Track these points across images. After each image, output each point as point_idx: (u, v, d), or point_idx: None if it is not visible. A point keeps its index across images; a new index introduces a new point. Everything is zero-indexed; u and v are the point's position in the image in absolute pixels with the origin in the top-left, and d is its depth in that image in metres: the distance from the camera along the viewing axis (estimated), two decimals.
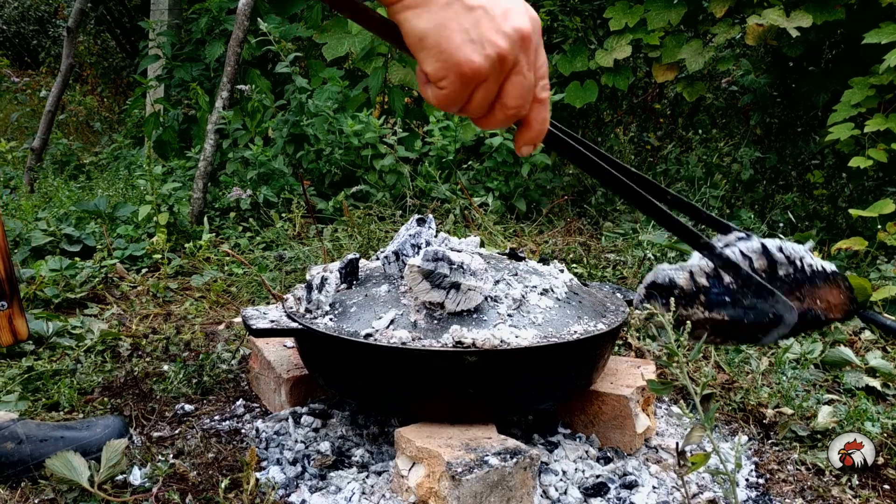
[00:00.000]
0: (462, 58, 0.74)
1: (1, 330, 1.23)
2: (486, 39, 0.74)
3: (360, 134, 3.26)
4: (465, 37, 0.74)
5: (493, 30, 0.74)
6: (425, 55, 0.75)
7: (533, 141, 0.84)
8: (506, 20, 0.75)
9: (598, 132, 4.34)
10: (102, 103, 7.30)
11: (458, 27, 0.74)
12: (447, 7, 0.74)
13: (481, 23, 0.74)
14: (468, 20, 0.74)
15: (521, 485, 1.17)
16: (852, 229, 3.05)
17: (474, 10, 0.74)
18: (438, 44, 0.74)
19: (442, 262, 1.27)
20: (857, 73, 2.92)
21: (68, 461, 1.22)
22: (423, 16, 0.74)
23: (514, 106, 0.79)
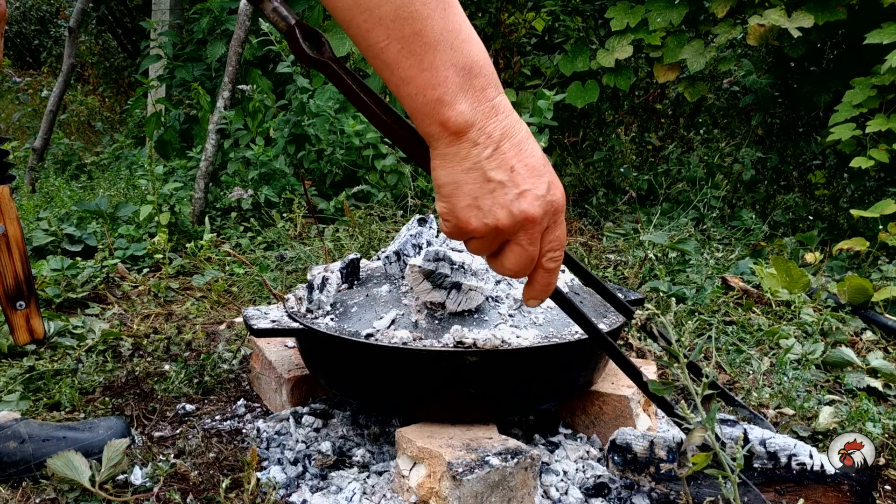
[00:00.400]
0: (462, 216, 0.82)
1: (19, 329, 1.25)
2: (489, 211, 0.81)
3: (362, 134, 3.26)
4: (471, 202, 0.81)
5: (500, 206, 0.81)
6: (438, 198, 0.83)
7: (535, 297, 0.92)
8: (517, 201, 0.81)
9: (599, 132, 4.33)
10: (104, 103, 7.30)
11: (468, 192, 0.81)
12: (468, 171, 0.80)
13: (492, 196, 0.81)
14: (481, 190, 0.80)
15: (522, 485, 1.17)
16: (854, 230, 3.05)
17: (491, 182, 0.80)
18: (449, 197, 0.82)
19: (443, 262, 1.27)
20: (858, 74, 2.92)
21: (69, 461, 1.23)
22: (445, 169, 0.81)
23: (511, 269, 0.86)
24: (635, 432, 1.27)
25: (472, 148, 0.79)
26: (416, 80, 0.76)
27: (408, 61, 0.75)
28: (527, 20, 4.54)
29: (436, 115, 0.78)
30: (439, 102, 0.77)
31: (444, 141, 0.80)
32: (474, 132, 0.79)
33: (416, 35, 0.75)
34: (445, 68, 0.76)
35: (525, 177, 0.81)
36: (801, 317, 2.11)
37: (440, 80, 0.77)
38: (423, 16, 0.75)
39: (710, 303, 2.22)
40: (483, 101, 0.79)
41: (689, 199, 3.35)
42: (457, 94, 0.77)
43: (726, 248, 2.83)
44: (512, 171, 0.81)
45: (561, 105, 3.74)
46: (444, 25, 0.76)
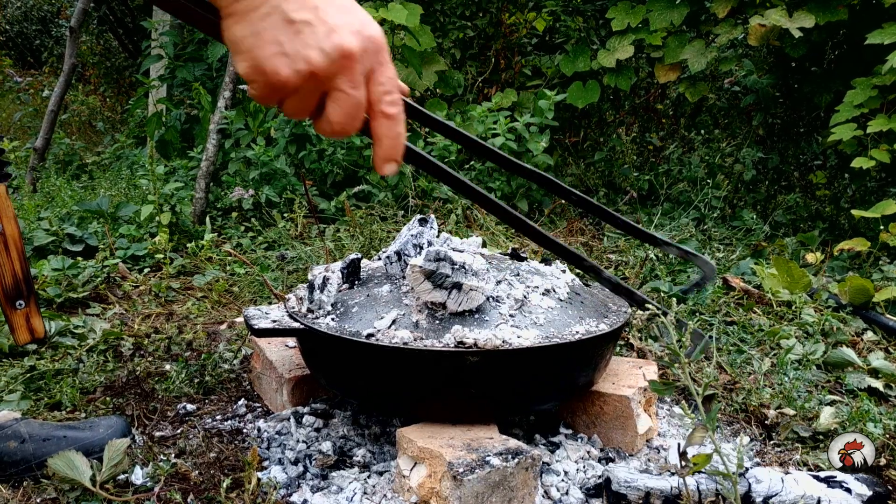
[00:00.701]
0: (269, 68, 0.74)
1: (19, 329, 1.25)
2: (298, 54, 0.74)
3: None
4: (276, 49, 0.74)
5: (310, 46, 0.74)
6: (238, 59, 0.75)
7: (388, 158, 0.83)
8: (328, 37, 0.75)
9: (600, 132, 4.33)
10: (105, 103, 7.31)
11: (271, 38, 0.74)
12: (265, 17, 0.73)
13: (299, 37, 0.74)
14: (284, 33, 0.74)
15: (523, 485, 1.17)
16: (855, 230, 3.05)
17: (294, 23, 0.74)
18: (250, 50, 0.74)
19: (444, 262, 1.27)
20: (859, 74, 2.92)
21: (70, 460, 1.23)
22: (240, 23, 0.74)
23: (339, 122, 0.79)
24: (631, 476, 1.25)
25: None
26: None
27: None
28: (528, 20, 4.55)
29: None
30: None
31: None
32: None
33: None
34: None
35: (333, 14, 0.75)
36: (802, 317, 2.11)
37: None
38: None
39: (711, 303, 2.22)
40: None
41: (690, 200, 3.34)
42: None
43: (727, 249, 2.83)
44: (316, 9, 0.75)
45: (562, 105, 3.74)
46: None
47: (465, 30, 4.31)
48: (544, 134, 3.31)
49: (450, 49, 4.26)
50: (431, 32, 3.88)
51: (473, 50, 4.50)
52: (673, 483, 1.24)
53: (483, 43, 4.52)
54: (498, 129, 3.27)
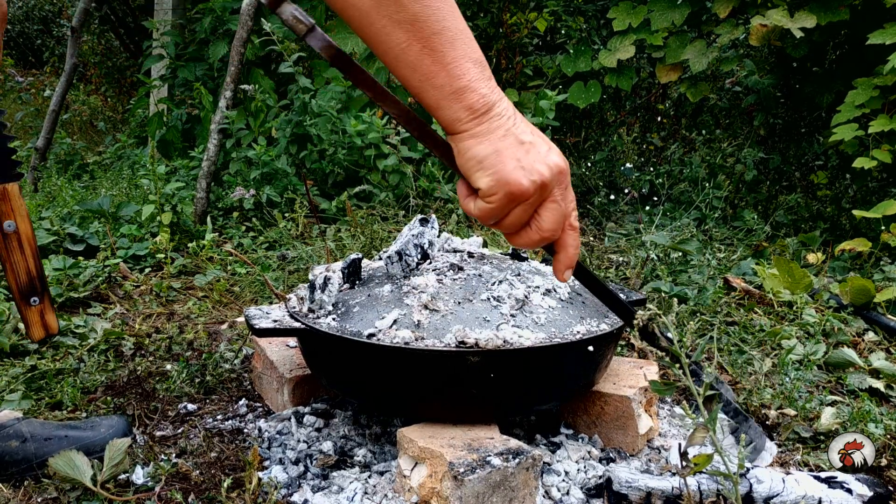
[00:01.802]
0: (513, 179, 0.90)
1: (34, 325, 1.27)
2: (533, 168, 0.91)
3: (364, 134, 3.26)
4: (516, 164, 0.90)
5: (539, 161, 0.91)
6: (481, 174, 0.91)
7: (570, 264, 1.01)
8: (548, 156, 0.92)
9: (601, 133, 4.33)
10: (106, 103, 7.31)
11: (511, 155, 0.90)
12: (504, 139, 0.90)
13: (530, 154, 0.91)
14: (520, 151, 0.90)
15: (524, 485, 1.17)
16: (856, 230, 3.05)
17: (524, 144, 0.91)
18: (494, 165, 0.90)
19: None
20: (861, 74, 2.91)
21: (71, 460, 1.23)
22: (484, 143, 0.90)
23: (549, 228, 0.95)
24: (632, 476, 1.25)
25: (499, 119, 0.90)
26: (440, 74, 0.86)
27: (429, 59, 0.85)
28: (529, 20, 4.54)
29: (463, 101, 0.88)
30: (466, 90, 0.87)
31: (474, 122, 0.89)
32: (498, 107, 0.90)
33: (436, 35, 0.84)
34: (465, 61, 0.87)
35: (542, 137, 0.94)
36: (804, 317, 2.11)
37: (464, 72, 0.87)
38: (440, 17, 0.84)
39: (712, 303, 2.22)
40: (494, 85, 0.91)
41: (691, 200, 3.34)
42: (479, 81, 0.88)
43: (728, 249, 2.83)
44: (533, 132, 0.93)
45: (563, 105, 3.74)
46: (457, 25, 0.86)
47: None
48: (545, 134, 3.30)
49: None
50: None
51: None
52: (674, 483, 1.24)
53: (484, 43, 4.52)
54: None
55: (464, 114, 0.89)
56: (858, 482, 1.26)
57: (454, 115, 0.89)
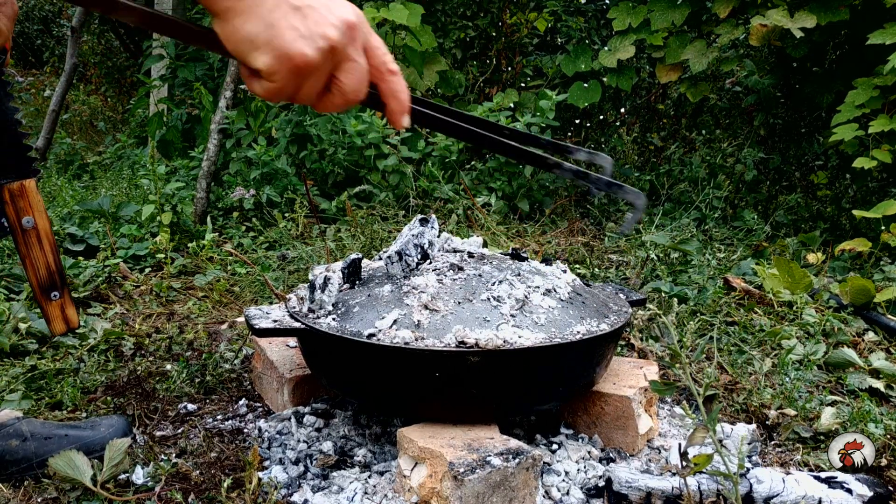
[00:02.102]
0: (295, 52, 0.79)
1: (55, 319, 1.27)
2: (316, 33, 0.80)
3: (364, 134, 3.26)
4: (295, 34, 0.80)
5: (322, 24, 0.81)
6: (257, 54, 0.80)
7: (403, 111, 0.91)
8: (331, 13, 0.82)
9: (601, 132, 4.33)
10: (106, 103, 7.31)
11: (287, 25, 0.79)
12: (275, 9, 0.79)
13: (309, 19, 0.80)
14: (296, 18, 0.80)
15: (524, 485, 1.17)
16: (856, 230, 3.05)
17: (300, 9, 0.80)
18: (270, 41, 0.79)
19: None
20: (861, 74, 2.91)
21: (71, 460, 1.23)
22: (251, 20, 0.79)
23: (353, 90, 0.85)
24: (632, 476, 1.25)
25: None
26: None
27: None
28: (529, 20, 4.55)
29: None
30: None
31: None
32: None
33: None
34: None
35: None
36: (803, 317, 2.11)
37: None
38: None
39: (712, 303, 2.22)
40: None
41: (691, 200, 3.34)
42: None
43: (728, 249, 2.83)
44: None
45: (563, 105, 3.74)
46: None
47: (467, 30, 4.31)
48: (546, 134, 3.31)
49: (451, 49, 4.26)
50: (432, 32, 3.88)
51: (475, 50, 4.51)
52: (674, 483, 1.24)
53: (484, 43, 4.52)
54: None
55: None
56: (858, 482, 1.26)
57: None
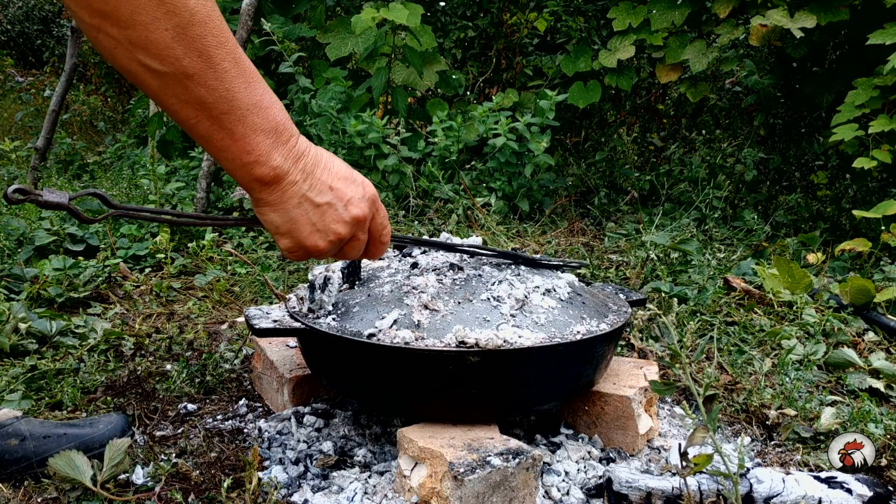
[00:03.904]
0: (309, 244, 0.98)
1: None
2: (329, 229, 0.98)
3: (364, 134, 3.26)
4: (312, 228, 0.97)
5: (336, 221, 0.98)
6: (280, 238, 0.98)
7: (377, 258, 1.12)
8: (346, 210, 0.98)
9: (601, 133, 4.33)
10: (106, 103, 7.31)
11: (306, 221, 0.96)
12: (298, 206, 0.95)
13: (326, 216, 0.97)
14: (315, 214, 0.96)
15: (524, 485, 1.17)
16: (856, 230, 3.05)
17: (321, 206, 0.96)
18: (290, 232, 0.96)
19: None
20: (861, 74, 2.91)
21: (71, 460, 1.23)
22: (276, 212, 0.95)
23: (352, 256, 1.06)
24: (632, 476, 1.25)
25: (293, 187, 0.93)
26: (231, 148, 0.87)
27: (220, 134, 0.85)
28: (529, 20, 4.55)
29: (253, 173, 0.90)
30: (255, 164, 0.89)
31: (266, 192, 0.92)
32: (292, 174, 0.92)
33: (225, 115, 0.84)
34: (256, 135, 0.87)
35: (343, 189, 0.98)
36: (803, 317, 2.11)
37: (253, 146, 0.88)
38: (230, 97, 0.84)
39: (712, 303, 2.22)
40: (291, 150, 0.92)
41: (691, 200, 3.34)
42: (270, 152, 0.89)
43: (728, 249, 2.83)
44: (331, 189, 0.97)
45: (563, 105, 3.74)
46: (250, 97, 0.85)
47: (467, 30, 4.31)
48: (545, 134, 3.31)
49: (451, 49, 4.26)
50: (432, 32, 3.88)
51: (475, 50, 4.51)
52: (674, 483, 1.24)
53: (484, 43, 4.52)
54: (499, 129, 3.27)
55: (255, 185, 0.91)
56: (858, 482, 1.26)
57: (247, 184, 0.91)
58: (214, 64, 0.81)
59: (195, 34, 0.79)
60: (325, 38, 3.91)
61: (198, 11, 0.78)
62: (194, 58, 0.79)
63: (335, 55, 3.85)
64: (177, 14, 0.77)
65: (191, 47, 0.79)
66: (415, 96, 4.40)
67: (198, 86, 0.81)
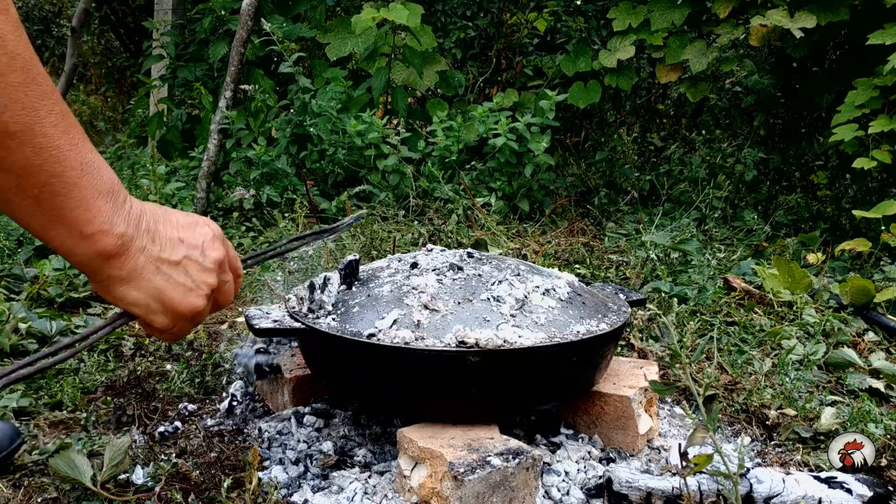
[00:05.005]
0: (186, 308, 0.84)
1: None
2: (200, 282, 0.85)
3: (364, 134, 3.26)
4: (183, 289, 0.83)
5: (202, 272, 0.85)
6: (154, 316, 0.83)
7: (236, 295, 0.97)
8: (205, 257, 0.86)
9: (601, 133, 4.33)
10: (106, 103, 7.31)
11: (174, 284, 0.82)
12: (157, 272, 0.81)
13: (190, 270, 0.84)
14: (179, 274, 0.83)
15: (524, 485, 1.17)
16: (856, 230, 3.05)
17: (180, 263, 0.83)
18: (161, 303, 0.82)
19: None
20: (861, 74, 2.91)
21: (71, 460, 1.23)
22: (137, 287, 0.80)
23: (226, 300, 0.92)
24: (632, 476, 1.25)
25: (143, 253, 0.79)
26: (67, 219, 0.71)
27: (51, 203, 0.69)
28: (529, 20, 4.54)
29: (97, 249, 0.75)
30: (99, 235, 0.74)
31: (115, 266, 0.77)
32: (138, 239, 0.78)
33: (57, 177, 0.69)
34: (95, 199, 0.73)
35: (192, 236, 0.85)
36: (804, 317, 2.11)
37: (94, 214, 0.73)
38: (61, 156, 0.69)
39: (712, 303, 2.22)
40: (130, 212, 0.77)
41: (691, 200, 3.34)
42: (112, 218, 0.75)
43: (728, 249, 2.83)
44: (181, 241, 0.83)
45: (563, 105, 3.73)
46: (83, 157, 0.71)
47: (467, 30, 4.31)
48: (545, 134, 3.31)
49: (451, 49, 4.26)
50: (432, 32, 3.88)
51: (475, 50, 4.51)
52: (674, 483, 1.24)
53: (484, 43, 4.52)
54: (499, 130, 3.27)
55: (100, 262, 0.76)
56: (858, 482, 1.26)
57: (90, 263, 0.76)
58: (40, 118, 0.66)
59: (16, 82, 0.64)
60: (325, 38, 3.91)
61: (19, 55, 0.65)
62: (16, 111, 0.64)
63: (335, 55, 3.85)
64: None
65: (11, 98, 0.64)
66: (415, 96, 4.40)
67: (21, 145, 0.65)
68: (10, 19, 0.65)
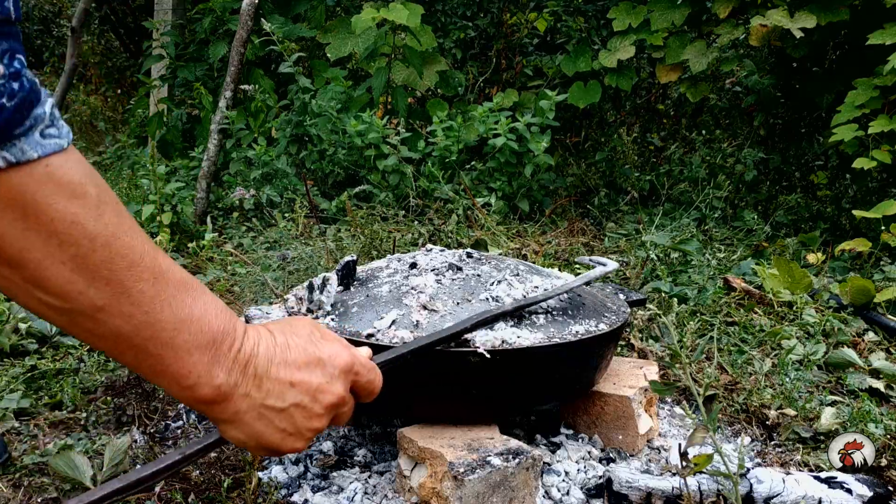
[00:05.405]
0: (286, 449, 0.83)
1: None
2: (303, 428, 0.82)
3: (364, 134, 3.26)
4: (283, 435, 0.81)
5: (309, 417, 0.82)
6: (254, 451, 0.83)
7: None
8: (317, 402, 0.82)
9: (601, 133, 4.33)
10: (106, 103, 7.31)
11: (274, 430, 0.80)
12: (259, 419, 0.79)
13: (295, 418, 0.81)
14: (283, 420, 0.80)
15: (524, 485, 1.17)
16: (856, 230, 3.05)
17: (284, 410, 0.80)
18: (261, 445, 0.81)
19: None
20: (861, 74, 2.91)
21: (71, 460, 1.23)
22: (239, 428, 0.80)
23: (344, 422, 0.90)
24: (632, 476, 1.26)
25: (245, 400, 0.78)
26: (165, 374, 0.73)
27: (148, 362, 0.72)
28: (529, 20, 4.55)
29: (195, 397, 0.76)
30: (195, 387, 0.75)
31: (216, 410, 0.78)
32: (241, 387, 0.77)
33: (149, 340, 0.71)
34: (190, 356, 0.73)
35: (308, 379, 0.82)
36: (804, 317, 2.11)
37: (189, 369, 0.74)
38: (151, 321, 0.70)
39: (712, 303, 2.22)
40: (235, 358, 0.77)
41: (691, 200, 3.34)
42: (210, 370, 0.75)
43: (728, 249, 2.83)
44: (293, 385, 0.81)
45: (563, 105, 3.73)
46: (177, 316, 0.72)
47: (467, 30, 4.31)
48: (545, 134, 3.31)
49: (451, 49, 4.26)
50: (432, 32, 3.88)
51: (475, 50, 4.51)
52: (674, 483, 1.24)
53: (484, 43, 4.52)
54: (499, 130, 3.27)
55: (202, 406, 0.78)
56: (858, 482, 1.26)
57: (194, 406, 0.78)
58: (126, 288, 0.68)
59: (98, 260, 0.66)
60: (325, 38, 3.91)
61: (99, 234, 0.65)
62: (101, 287, 0.66)
63: (335, 55, 3.85)
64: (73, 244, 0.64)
65: (95, 276, 0.66)
66: (415, 96, 4.40)
67: (111, 317, 0.68)
68: (88, 203, 0.65)
